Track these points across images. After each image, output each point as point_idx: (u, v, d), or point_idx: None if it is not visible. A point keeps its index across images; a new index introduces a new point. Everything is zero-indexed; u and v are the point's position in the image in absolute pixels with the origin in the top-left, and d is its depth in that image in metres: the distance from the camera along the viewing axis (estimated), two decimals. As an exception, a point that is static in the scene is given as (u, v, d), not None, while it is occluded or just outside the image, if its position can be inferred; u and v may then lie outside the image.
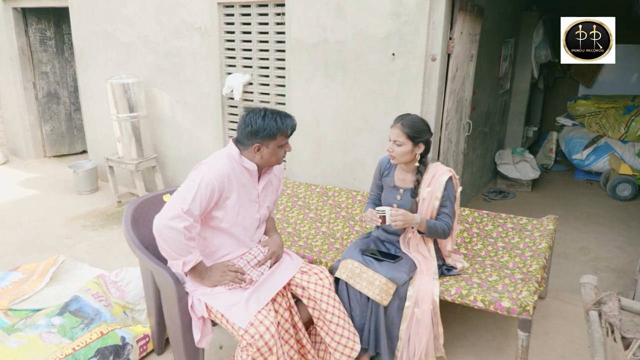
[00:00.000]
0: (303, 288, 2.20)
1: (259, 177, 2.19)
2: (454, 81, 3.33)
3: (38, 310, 2.72)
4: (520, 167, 5.06)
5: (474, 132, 4.01)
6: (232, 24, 3.94)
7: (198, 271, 2.02)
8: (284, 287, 2.19)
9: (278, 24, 3.72)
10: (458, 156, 3.82)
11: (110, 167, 4.66)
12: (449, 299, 2.24)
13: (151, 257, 2.16)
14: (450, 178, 2.33)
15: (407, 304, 2.27)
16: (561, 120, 5.89)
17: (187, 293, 2.10)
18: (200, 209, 1.94)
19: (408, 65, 3.17)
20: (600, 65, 6.22)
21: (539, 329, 2.76)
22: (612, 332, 1.93)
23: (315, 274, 2.26)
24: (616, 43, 7.09)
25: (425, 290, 2.24)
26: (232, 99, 4.10)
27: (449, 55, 3.18)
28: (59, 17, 5.93)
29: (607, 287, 3.18)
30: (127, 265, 3.30)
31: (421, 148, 2.31)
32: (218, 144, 4.33)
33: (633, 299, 2.50)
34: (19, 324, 2.57)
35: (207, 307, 2.05)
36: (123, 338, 2.40)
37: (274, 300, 2.11)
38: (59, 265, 3.10)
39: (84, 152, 6.32)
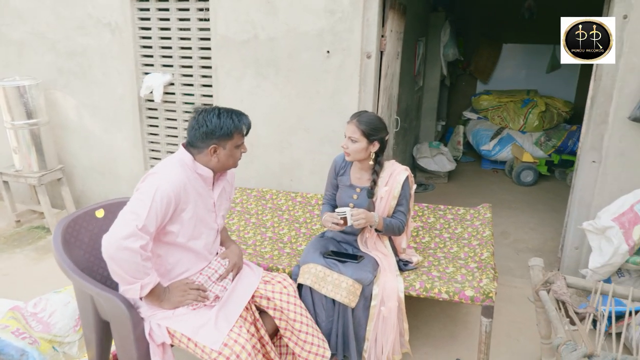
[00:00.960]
0: (268, 299, 2.07)
1: (213, 184, 2.02)
2: (386, 78, 3.39)
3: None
4: (437, 159, 5.34)
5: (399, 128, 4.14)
6: (148, 19, 3.62)
7: (156, 294, 1.80)
8: (248, 300, 2.05)
9: (201, 19, 3.49)
10: (389, 152, 3.90)
11: (5, 182, 4.05)
12: (414, 294, 2.25)
13: (94, 282, 1.88)
14: (407, 177, 2.35)
15: (373, 303, 2.24)
16: (467, 114, 6.31)
17: (142, 319, 1.86)
18: (156, 225, 1.73)
19: (344, 63, 3.15)
20: (495, 64, 6.80)
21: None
22: (565, 308, 2.09)
23: (279, 282, 2.14)
24: (505, 42, 7.66)
25: (391, 287, 2.23)
26: (152, 100, 3.78)
27: (381, 53, 3.22)
28: None
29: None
30: (41, 292, 2.87)
31: (376, 146, 2.30)
32: (136, 149, 3.97)
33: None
34: None
35: (168, 331, 1.84)
36: (57, 379, 2.08)
37: (239, 315, 1.96)
38: (-44, 302, 2.60)
39: (-37, 166, 5.43)
